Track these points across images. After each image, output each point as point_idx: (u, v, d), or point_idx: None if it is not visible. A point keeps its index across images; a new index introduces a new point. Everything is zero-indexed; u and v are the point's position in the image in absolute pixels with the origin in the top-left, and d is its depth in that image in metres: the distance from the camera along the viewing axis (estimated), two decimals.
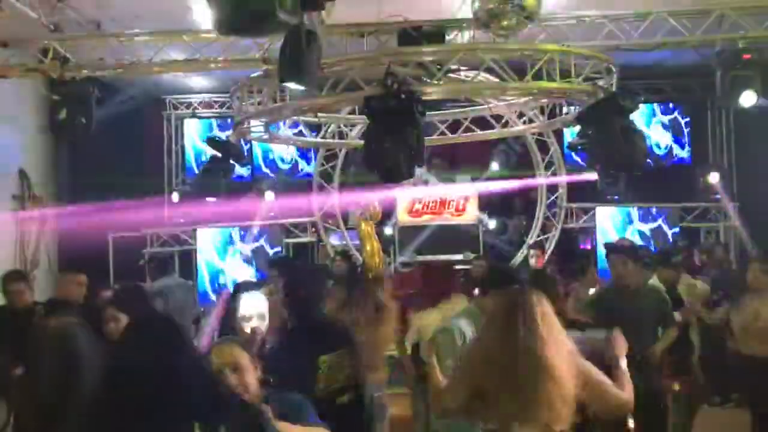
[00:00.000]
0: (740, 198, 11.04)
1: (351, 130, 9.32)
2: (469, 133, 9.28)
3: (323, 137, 9.09)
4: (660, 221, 10.76)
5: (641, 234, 10.68)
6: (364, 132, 6.68)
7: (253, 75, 6.67)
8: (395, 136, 5.79)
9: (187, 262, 10.77)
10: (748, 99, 6.88)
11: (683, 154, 11.79)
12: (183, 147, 11.78)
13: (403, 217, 11.21)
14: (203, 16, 6.73)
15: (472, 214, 11.17)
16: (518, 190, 11.12)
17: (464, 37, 7.34)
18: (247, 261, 10.43)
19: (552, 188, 10.88)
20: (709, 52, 7.33)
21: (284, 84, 5.03)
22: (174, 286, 7.30)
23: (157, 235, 10.77)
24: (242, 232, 10.68)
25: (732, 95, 7.14)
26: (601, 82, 6.56)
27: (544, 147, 10.75)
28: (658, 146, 11.53)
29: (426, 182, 11.43)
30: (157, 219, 11.07)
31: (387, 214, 10.64)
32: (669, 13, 7.15)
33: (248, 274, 10.09)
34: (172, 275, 7.85)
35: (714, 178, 10.72)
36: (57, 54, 7.08)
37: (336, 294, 5.48)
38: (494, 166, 10.92)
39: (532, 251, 10.40)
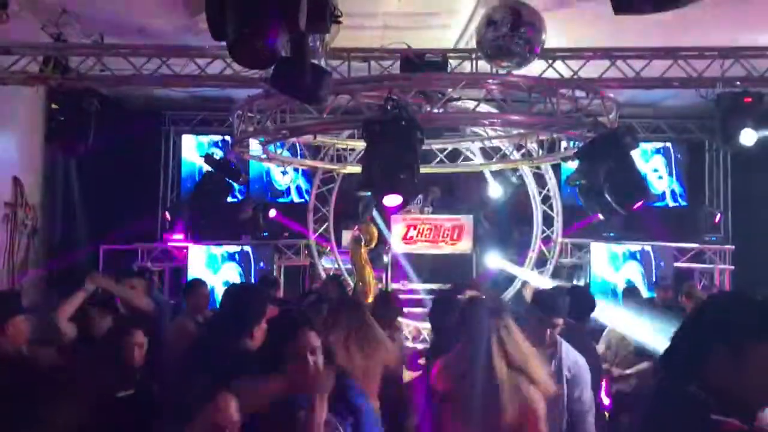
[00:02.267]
0: (735, 240, 11.04)
1: (350, 154, 9.31)
2: (467, 163, 9.29)
3: (321, 160, 9.06)
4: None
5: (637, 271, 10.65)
6: (362, 155, 6.66)
7: (252, 94, 6.65)
8: (393, 161, 5.76)
9: (179, 278, 10.66)
10: (747, 137, 6.90)
11: (680, 194, 11.79)
12: (180, 163, 11.73)
13: (397, 244, 11.16)
14: (206, 33, 6.74)
15: (466, 244, 11.13)
16: (516, 223, 11.10)
17: (467, 67, 7.36)
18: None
19: (548, 223, 10.83)
20: (710, 94, 7.36)
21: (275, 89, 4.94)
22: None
23: (149, 249, 10.67)
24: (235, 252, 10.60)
25: (731, 137, 7.16)
26: (602, 119, 6.57)
27: (541, 181, 10.73)
28: (655, 186, 11.53)
29: (423, 210, 11.40)
30: (150, 234, 11.01)
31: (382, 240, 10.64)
32: (672, 53, 7.19)
33: None
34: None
35: (717, 217, 10.75)
36: (58, 63, 7.05)
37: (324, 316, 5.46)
38: (493, 191, 10.72)
39: (525, 285, 10.33)
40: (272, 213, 10.45)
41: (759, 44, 7.26)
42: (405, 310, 9.97)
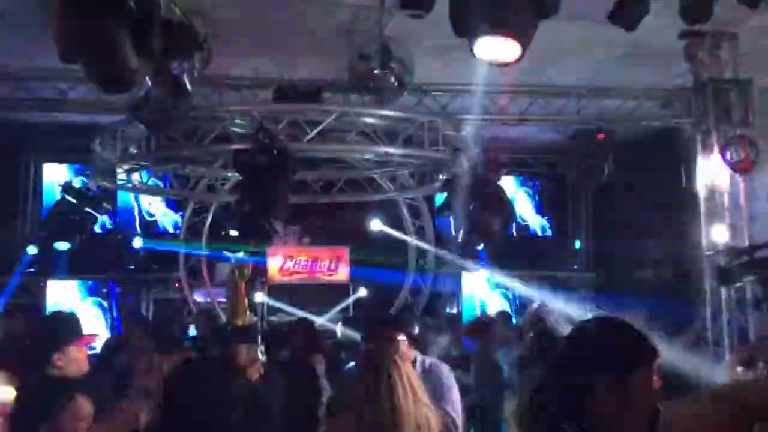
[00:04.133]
0: (596, 268, 11.67)
1: (223, 184, 9.12)
2: (342, 194, 9.34)
3: (192, 189, 8.81)
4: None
5: (506, 296, 11.04)
6: (233, 187, 6.58)
7: (116, 120, 6.41)
8: (262, 193, 5.71)
9: (37, 315, 9.95)
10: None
11: (545, 225, 12.35)
12: (41, 193, 11.01)
13: (274, 275, 10.99)
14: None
15: (343, 275, 11.13)
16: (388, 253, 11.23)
17: (340, 99, 7.45)
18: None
19: (421, 252, 11.05)
20: (567, 131, 7.84)
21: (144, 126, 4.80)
22: None
23: (2, 284, 9.91)
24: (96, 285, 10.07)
25: (588, 171, 7.66)
26: (468, 152, 6.82)
27: (415, 211, 10.95)
28: (522, 217, 12.03)
29: (300, 241, 11.31)
30: (5, 268, 10.24)
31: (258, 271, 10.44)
32: (533, 91, 7.61)
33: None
34: None
35: (577, 244, 11.34)
36: None
37: None
38: (373, 225, 10.85)
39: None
40: (137, 243, 10.02)
41: (611, 85, 7.84)
42: None
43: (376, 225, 10.71)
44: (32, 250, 9.75)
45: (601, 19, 5.43)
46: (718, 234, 7.31)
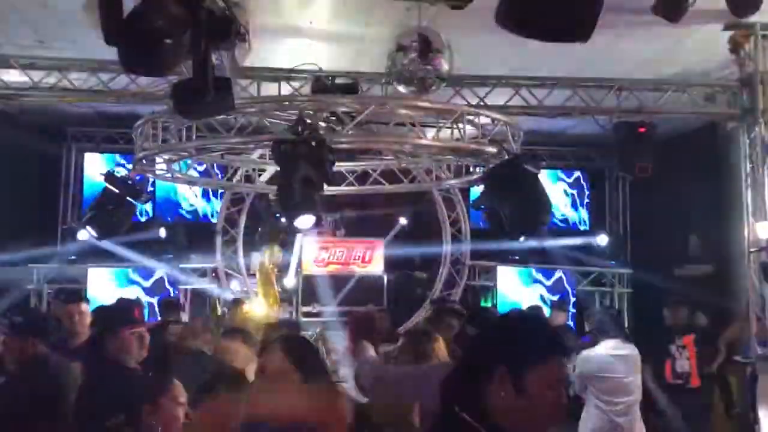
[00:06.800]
0: (634, 264, 11.50)
1: (260, 174, 9.17)
2: (377, 186, 9.32)
3: (230, 180, 8.89)
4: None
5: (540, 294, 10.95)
6: (273, 176, 6.62)
7: (157, 110, 6.48)
8: (303, 183, 5.72)
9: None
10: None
11: (582, 219, 12.21)
12: (82, 182, 11.24)
13: (308, 266, 11.04)
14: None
15: (378, 266, 11.14)
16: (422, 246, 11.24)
17: (377, 90, 7.43)
18: None
19: (456, 245, 11.02)
20: (607, 123, 7.72)
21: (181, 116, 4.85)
22: None
23: (45, 271, 10.14)
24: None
25: (628, 164, 7.54)
26: (506, 145, 6.74)
27: (450, 204, 10.92)
28: (559, 211, 11.90)
29: (335, 233, 11.35)
30: (47, 255, 10.47)
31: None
32: (574, 83, 7.51)
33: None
34: None
35: (603, 240, 11.15)
36: None
37: None
38: (401, 221, 10.94)
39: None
40: (162, 233, 10.17)
41: (651, 77, 7.70)
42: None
43: (404, 220, 10.80)
44: (83, 235, 9.87)
45: (644, 9, 5.34)
46: (763, 230, 7.14)
